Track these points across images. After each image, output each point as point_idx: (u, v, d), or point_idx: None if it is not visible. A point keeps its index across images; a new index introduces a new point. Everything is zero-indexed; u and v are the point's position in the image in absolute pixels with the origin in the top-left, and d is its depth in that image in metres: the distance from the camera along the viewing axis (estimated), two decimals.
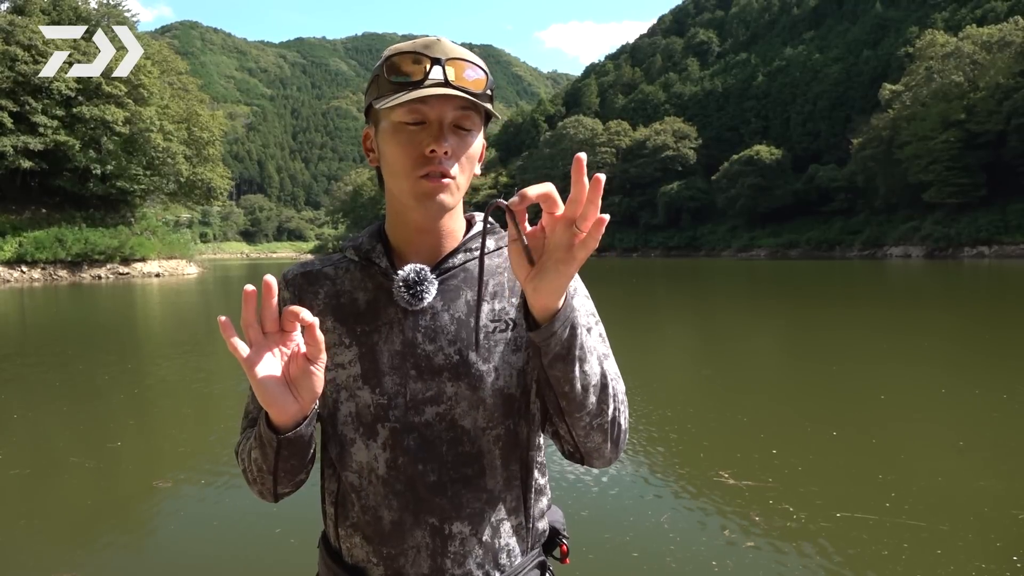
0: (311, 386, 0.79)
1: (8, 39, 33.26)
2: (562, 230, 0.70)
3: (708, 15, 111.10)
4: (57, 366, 8.44)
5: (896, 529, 3.19)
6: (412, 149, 0.85)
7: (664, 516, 3.46)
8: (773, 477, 3.99)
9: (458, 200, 0.89)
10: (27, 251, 31.12)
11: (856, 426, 5.15)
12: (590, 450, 0.86)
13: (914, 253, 47.70)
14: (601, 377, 0.82)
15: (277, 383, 0.78)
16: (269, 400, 0.78)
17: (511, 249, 0.73)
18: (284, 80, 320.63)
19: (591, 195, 0.67)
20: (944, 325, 11.58)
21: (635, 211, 78.07)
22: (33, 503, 3.90)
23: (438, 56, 0.84)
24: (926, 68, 52.51)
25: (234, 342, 0.75)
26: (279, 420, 0.81)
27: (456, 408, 0.88)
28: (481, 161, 0.93)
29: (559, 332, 0.76)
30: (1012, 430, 4.98)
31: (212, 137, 44.48)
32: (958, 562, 2.84)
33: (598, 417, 0.83)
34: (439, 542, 0.87)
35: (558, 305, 0.75)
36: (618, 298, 17.61)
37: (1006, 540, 3.07)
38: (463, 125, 0.86)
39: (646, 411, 5.59)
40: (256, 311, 0.75)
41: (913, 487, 3.78)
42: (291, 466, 0.87)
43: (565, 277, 0.72)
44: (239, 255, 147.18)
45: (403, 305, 0.89)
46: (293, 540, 3.28)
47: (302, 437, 0.83)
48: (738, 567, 2.90)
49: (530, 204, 0.69)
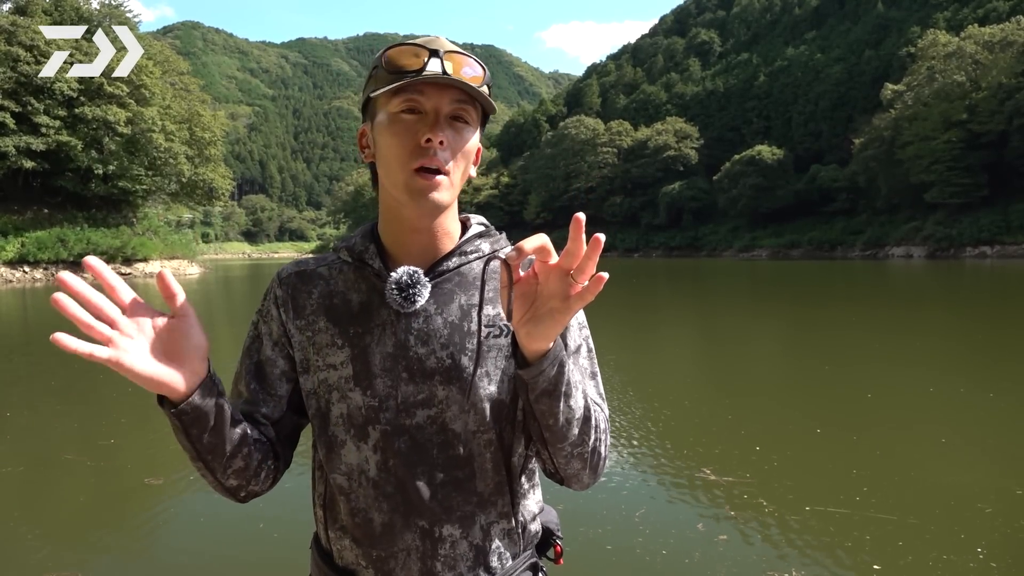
0: (189, 340, 0.77)
1: (10, 39, 33.43)
2: (556, 279, 0.72)
3: (709, 15, 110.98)
4: (55, 365, 8.53)
5: (863, 522, 3.26)
6: (407, 139, 0.84)
7: (640, 511, 3.54)
8: (752, 473, 4.06)
9: (452, 199, 0.88)
10: (29, 251, 31.27)
11: (840, 424, 5.22)
12: (569, 475, 0.88)
13: (916, 253, 47.63)
14: (584, 410, 0.84)
15: (153, 363, 0.76)
16: (155, 383, 0.76)
17: (502, 296, 0.74)
18: (286, 80, 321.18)
19: (590, 252, 0.69)
20: (940, 325, 11.62)
21: (636, 211, 78.06)
22: (25, 500, 3.96)
23: (436, 48, 0.85)
24: (928, 68, 52.41)
25: (85, 350, 0.70)
26: (174, 397, 0.79)
27: (447, 412, 0.88)
28: (477, 163, 0.93)
29: (547, 371, 0.77)
30: (993, 428, 5.05)
31: (214, 137, 44.62)
32: (917, 553, 2.92)
33: (579, 447, 0.85)
34: (429, 545, 0.88)
35: (549, 346, 0.77)
36: (618, 298, 17.67)
37: (970, 532, 3.14)
38: (460, 117, 0.86)
39: (637, 408, 5.67)
40: (81, 312, 0.71)
41: (885, 482, 3.85)
42: (212, 444, 0.83)
43: (559, 324, 0.73)
44: (241, 255, 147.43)
45: (395, 307, 0.88)
46: (276, 534, 3.36)
47: (200, 409, 0.80)
48: (706, 558, 2.97)
49: (527, 256, 0.70)
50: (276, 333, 0.95)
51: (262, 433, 0.93)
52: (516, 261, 0.70)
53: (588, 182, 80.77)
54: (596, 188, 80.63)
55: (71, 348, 0.69)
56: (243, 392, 0.95)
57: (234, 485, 0.90)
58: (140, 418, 6.00)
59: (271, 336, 0.95)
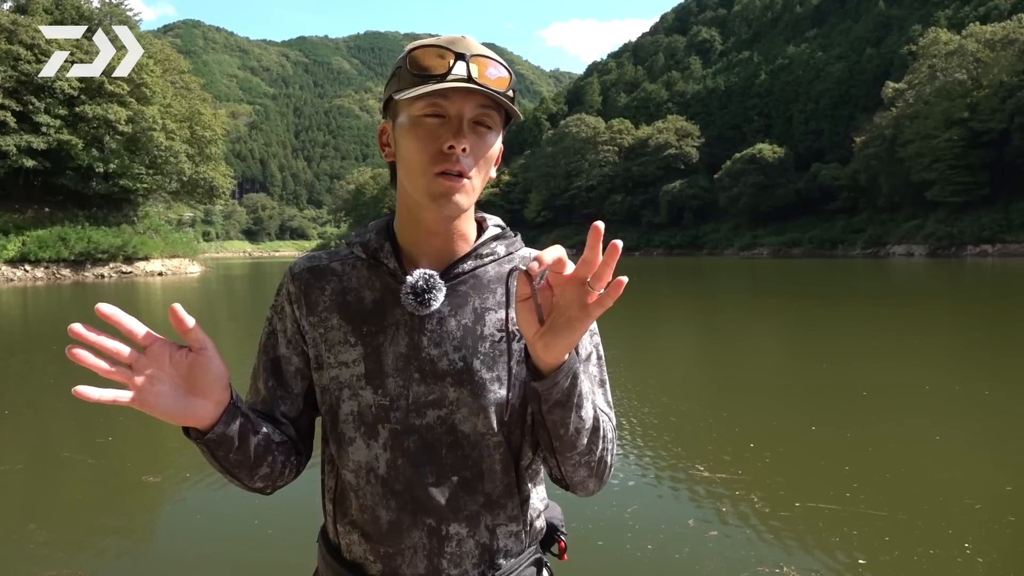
0: (210, 375, 0.79)
1: (11, 38, 33.46)
2: (572, 289, 0.72)
3: (711, 13, 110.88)
4: (55, 365, 8.57)
5: (852, 517, 3.29)
6: (430, 144, 0.83)
7: (632, 507, 3.56)
8: (745, 469, 4.09)
9: (472, 202, 0.88)
10: (30, 250, 31.29)
11: (835, 422, 5.25)
12: (575, 482, 0.90)
13: (917, 252, 47.61)
14: (594, 420, 0.85)
15: (176, 399, 0.78)
16: (179, 419, 0.79)
17: (520, 307, 0.74)
18: (286, 79, 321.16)
19: (607, 259, 0.69)
20: (939, 323, 11.64)
21: (637, 210, 78.03)
22: (23, 498, 3.99)
23: (462, 52, 0.83)
24: (929, 66, 52.34)
25: (109, 396, 0.73)
26: (201, 426, 0.81)
27: (457, 413, 0.88)
28: (498, 164, 0.92)
29: (562, 382, 0.78)
30: (986, 425, 5.07)
31: (214, 136, 44.63)
32: (904, 548, 2.94)
33: (587, 456, 0.86)
34: (436, 543, 0.88)
35: (565, 358, 0.77)
36: (620, 298, 17.67)
37: (958, 528, 3.16)
38: (484, 123, 0.85)
39: (633, 405, 5.69)
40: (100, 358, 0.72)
41: (876, 479, 3.88)
42: (237, 461, 0.86)
43: (578, 334, 0.74)
44: (242, 254, 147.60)
45: (410, 310, 0.88)
46: (271, 531, 3.40)
47: (225, 435, 0.83)
48: (695, 553, 3.00)
49: (545, 268, 0.71)
50: (290, 330, 0.95)
51: (283, 433, 0.94)
52: (536, 272, 0.71)
53: (589, 180, 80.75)
54: (597, 186, 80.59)
55: (94, 398, 0.71)
56: (261, 390, 0.96)
57: (260, 487, 0.93)
58: (138, 416, 6.03)
59: (285, 333, 0.95)
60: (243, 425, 0.85)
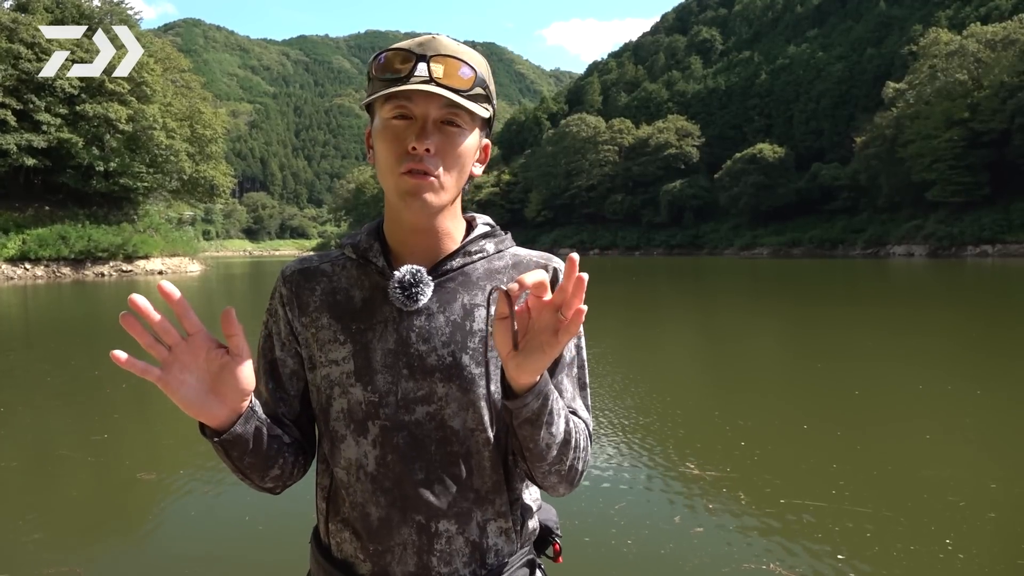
0: (236, 383, 0.81)
1: (11, 36, 33.49)
2: (548, 314, 0.74)
3: (711, 13, 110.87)
4: (53, 362, 8.62)
5: (837, 514, 3.32)
6: (396, 145, 0.86)
7: (619, 503, 3.60)
8: (734, 467, 4.12)
9: (445, 200, 0.88)
10: (30, 248, 31.31)
11: (826, 421, 5.28)
12: (546, 486, 0.92)
13: (917, 252, 47.62)
14: (565, 434, 0.85)
15: (198, 392, 0.80)
16: (195, 411, 0.80)
17: (497, 326, 0.75)
18: (287, 78, 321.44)
19: (575, 290, 0.71)
20: (937, 323, 11.67)
21: (637, 209, 78.05)
22: (19, 496, 4.01)
23: (424, 53, 0.85)
24: (930, 66, 52.33)
25: (139, 367, 0.75)
26: (213, 424, 0.83)
27: (446, 408, 0.89)
28: (485, 161, 0.94)
29: (531, 403, 0.80)
30: (976, 424, 5.11)
31: (215, 135, 44.64)
32: (884, 543, 2.98)
33: (556, 465, 0.87)
34: (425, 540, 0.89)
35: (536, 380, 0.79)
36: (619, 297, 17.72)
37: (940, 524, 3.20)
38: (453, 122, 0.86)
39: (627, 402, 5.71)
40: (148, 330, 0.76)
41: (863, 476, 3.91)
42: (250, 463, 0.88)
43: (548, 357, 0.76)
44: (242, 253, 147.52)
45: (398, 305, 0.90)
46: (262, 527, 3.43)
47: (241, 436, 0.84)
48: (679, 549, 3.04)
49: (526, 290, 0.73)
50: (284, 332, 0.97)
51: (290, 434, 0.96)
52: (516, 293, 0.73)
53: (589, 180, 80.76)
54: (597, 186, 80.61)
55: (126, 363, 0.73)
56: (263, 392, 0.98)
57: (271, 487, 0.94)
58: (133, 413, 6.08)
59: (280, 336, 0.97)
60: (258, 430, 0.86)
